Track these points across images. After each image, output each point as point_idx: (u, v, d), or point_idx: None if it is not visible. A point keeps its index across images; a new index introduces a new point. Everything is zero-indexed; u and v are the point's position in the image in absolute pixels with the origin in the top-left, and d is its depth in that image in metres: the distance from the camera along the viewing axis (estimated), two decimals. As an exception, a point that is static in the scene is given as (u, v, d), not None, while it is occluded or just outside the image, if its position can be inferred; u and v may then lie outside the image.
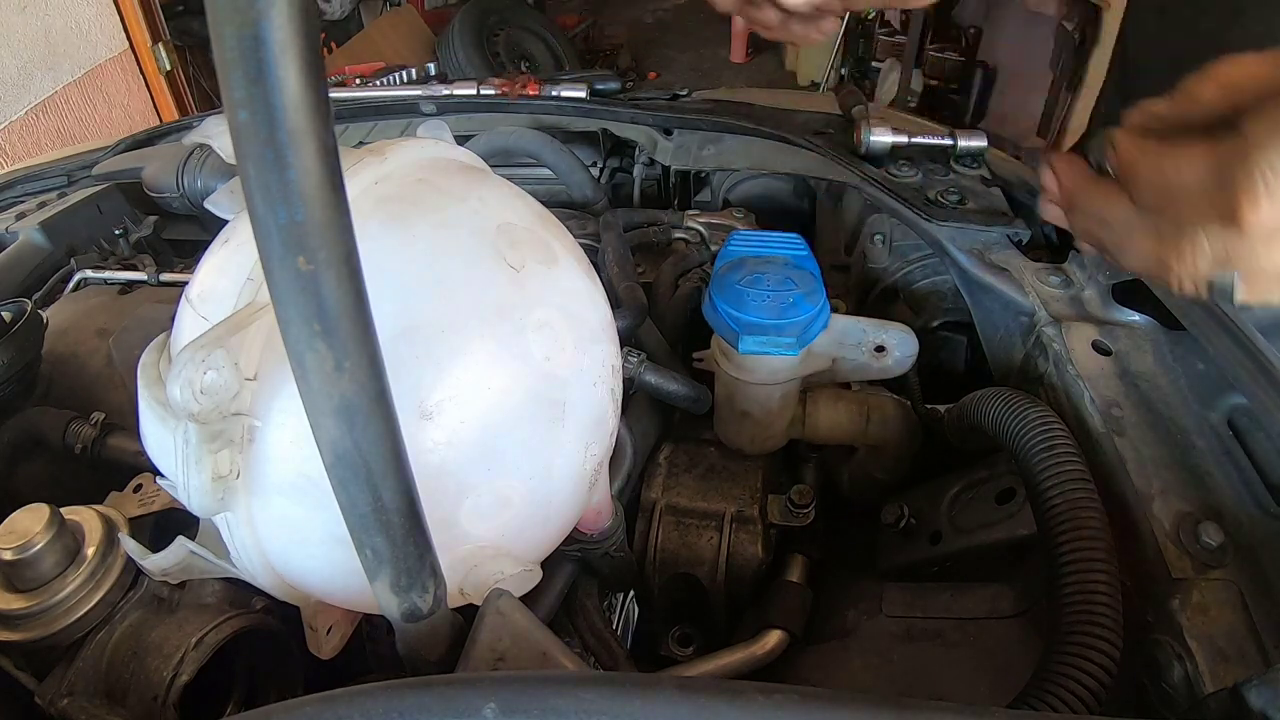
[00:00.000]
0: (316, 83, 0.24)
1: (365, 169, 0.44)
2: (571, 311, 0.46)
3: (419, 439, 0.39)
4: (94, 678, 0.49)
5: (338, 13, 3.79)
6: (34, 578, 0.49)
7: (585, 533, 0.58)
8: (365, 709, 0.32)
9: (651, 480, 0.71)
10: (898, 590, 0.62)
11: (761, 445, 0.72)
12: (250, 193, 0.25)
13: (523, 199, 0.49)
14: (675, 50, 4.82)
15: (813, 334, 0.65)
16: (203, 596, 0.54)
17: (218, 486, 0.38)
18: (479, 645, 0.39)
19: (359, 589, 0.39)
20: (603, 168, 1.06)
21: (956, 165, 0.86)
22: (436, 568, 0.37)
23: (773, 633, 0.63)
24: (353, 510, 0.33)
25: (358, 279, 0.28)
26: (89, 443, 0.64)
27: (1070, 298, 0.69)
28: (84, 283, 0.87)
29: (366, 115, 1.10)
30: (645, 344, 0.74)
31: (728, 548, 0.67)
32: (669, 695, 0.32)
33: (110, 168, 1.03)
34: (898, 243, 0.84)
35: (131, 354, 0.53)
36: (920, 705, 0.33)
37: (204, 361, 0.34)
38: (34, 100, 2.30)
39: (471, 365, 0.40)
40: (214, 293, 0.42)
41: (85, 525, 0.52)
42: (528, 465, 0.43)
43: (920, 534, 0.66)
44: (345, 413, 0.29)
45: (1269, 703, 0.37)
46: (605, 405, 0.48)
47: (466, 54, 3.58)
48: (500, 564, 0.43)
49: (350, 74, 3.26)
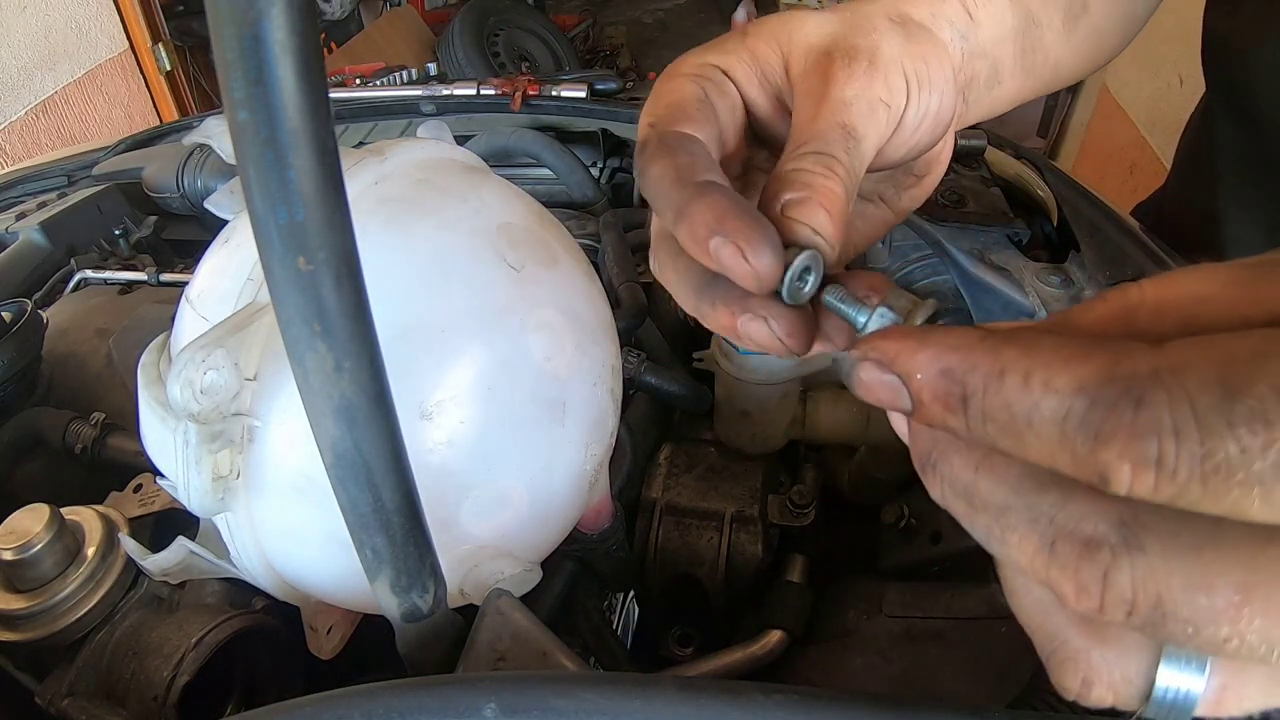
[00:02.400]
0: (316, 83, 0.24)
1: (365, 169, 0.44)
2: (571, 311, 0.46)
3: (419, 439, 0.39)
4: (94, 678, 0.49)
5: (338, 13, 3.79)
6: (34, 578, 0.49)
7: (585, 533, 0.58)
8: (365, 709, 0.32)
9: (651, 480, 0.71)
10: (898, 590, 0.62)
11: (761, 445, 0.72)
12: (250, 193, 0.25)
13: (523, 199, 0.49)
14: (675, 50, 4.73)
15: (813, 334, 0.65)
16: (203, 596, 0.54)
17: (218, 486, 0.38)
18: (479, 645, 0.39)
19: (359, 589, 0.39)
20: (603, 168, 1.06)
21: (956, 165, 0.86)
22: (436, 568, 0.37)
23: (773, 633, 0.63)
24: (353, 510, 0.33)
25: (358, 279, 0.28)
26: (89, 443, 0.64)
27: (1070, 298, 0.68)
28: (84, 283, 0.87)
29: (366, 115, 1.10)
30: (645, 344, 0.74)
31: (728, 548, 0.67)
32: (669, 695, 0.32)
33: (110, 168, 1.03)
34: (898, 243, 0.83)
35: (131, 354, 0.53)
36: (920, 705, 0.32)
37: (204, 361, 0.34)
38: (34, 100, 2.30)
39: (471, 365, 0.40)
40: (214, 293, 0.42)
41: (85, 525, 0.52)
42: (528, 465, 0.43)
43: (920, 534, 0.66)
44: (345, 413, 0.29)
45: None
46: (605, 405, 0.48)
47: (466, 54, 3.58)
48: (500, 564, 0.43)
49: (350, 74, 3.25)
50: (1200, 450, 0.16)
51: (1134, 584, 0.18)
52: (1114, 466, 0.17)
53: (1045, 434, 0.18)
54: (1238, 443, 0.16)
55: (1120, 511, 0.19)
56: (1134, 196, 1.02)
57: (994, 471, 0.21)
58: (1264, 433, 0.16)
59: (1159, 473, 0.17)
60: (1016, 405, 0.19)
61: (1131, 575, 0.18)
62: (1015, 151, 0.93)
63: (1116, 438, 0.17)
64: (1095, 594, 0.19)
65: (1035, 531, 0.20)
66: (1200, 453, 0.16)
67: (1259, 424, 0.16)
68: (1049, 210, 0.82)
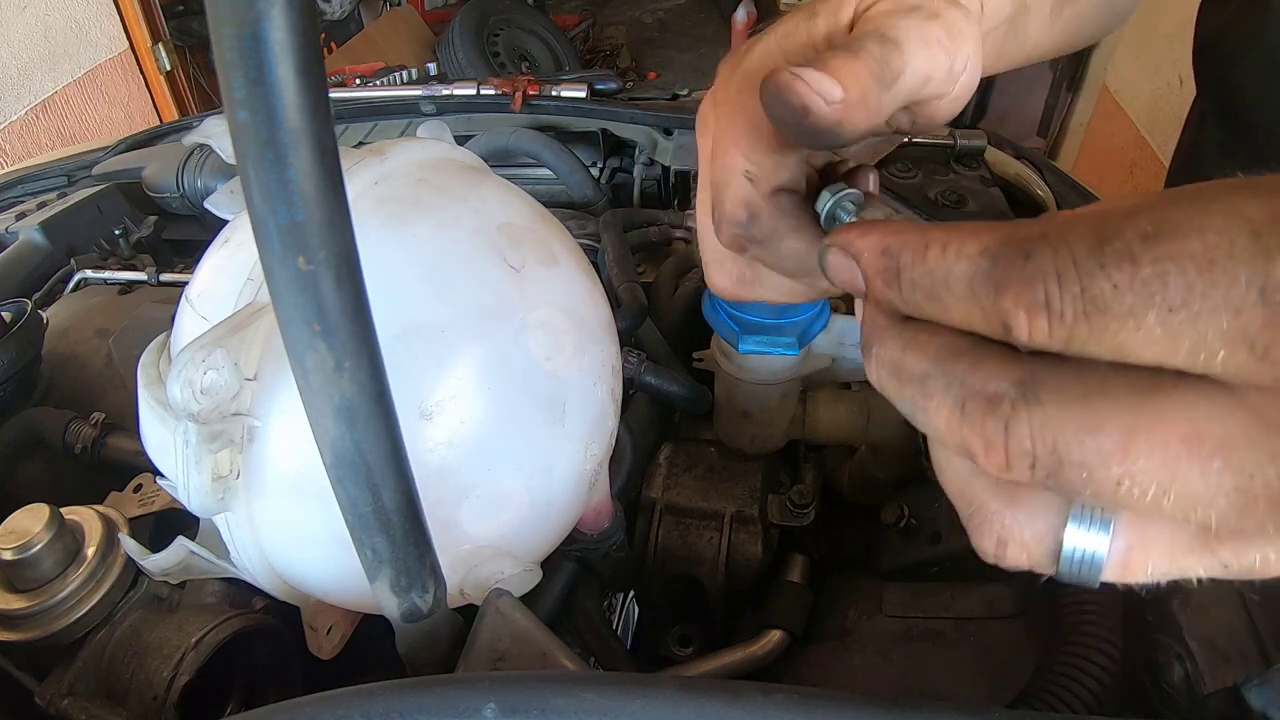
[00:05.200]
0: (316, 83, 0.24)
1: (365, 169, 0.44)
2: (571, 311, 0.46)
3: (419, 439, 0.39)
4: (94, 678, 0.49)
5: (338, 13, 3.79)
6: (34, 578, 0.49)
7: (585, 533, 0.58)
8: (365, 709, 0.32)
9: (651, 480, 0.71)
10: (898, 590, 0.62)
11: (761, 445, 0.72)
12: (250, 193, 0.25)
13: (523, 199, 0.49)
14: (675, 50, 4.82)
15: (813, 334, 0.65)
16: (203, 596, 0.54)
17: (218, 486, 0.38)
18: (479, 645, 0.39)
19: (359, 589, 0.39)
20: (603, 168, 1.06)
21: (956, 165, 0.86)
22: (436, 568, 0.37)
23: (773, 633, 0.63)
24: (353, 510, 0.33)
25: (358, 279, 0.28)
26: (89, 443, 0.64)
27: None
28: (84, 283, 0.87)
29: (366, 115, 1.10)
30: (645, 344, 0.74)
31: (728, 547, 0.67)
32: (669, 695, 0.32)
33: (110, 168, 1.03)
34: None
35: (131, 354, 0.53)
36: (920, 705, 0.32)
37: (204, 361, 0.34)
38: (34, 100, 2.30)
39: (471, 365, 0.40)
40: (214, 293, 0.42)
41: (85, 525, 0.52)
42: (528, 465, 0.43)
43: (920, 534, 0.66)
44: (345, 413, 0.29)
45: (1269, 703, 0.37)
46: (605, 405, 0.48)
47: (466, 54, 3.58)
48: (500, 564, 0.43)
49: (350, 74, 3.25)
50: (1079, 289, 0.19)
51: (1031, 432, 0.20)
52: (1012, 314, 0.20)
53: (959, 292, 0.21)
54: (1109, 279, 0.18)
55: (1020, 372, 0.21)
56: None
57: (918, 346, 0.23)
58: (1130, 269, 0.18)
59: (1049, 315, 0.19)
60: (936, 271, 0.22)
61: (1029, 425, 0.20)
62: (1015, 151, 0.93)
63: (1010, 286, 0.20)
64: (999, 446, 0.21)
65: (949, 395, 0.22)
66: (1079, 290, 0.19)
67: (1126, 263, 0.18)
68: (1049, 210, 0.82)
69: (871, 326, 0.25)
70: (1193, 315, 0.18)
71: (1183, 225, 0.18)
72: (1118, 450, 0.19)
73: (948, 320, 0.22)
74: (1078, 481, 0.20)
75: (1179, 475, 0.19)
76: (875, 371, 0.25)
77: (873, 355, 0.25)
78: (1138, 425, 0.19)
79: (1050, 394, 0.20)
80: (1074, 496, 0.22)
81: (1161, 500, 0.19)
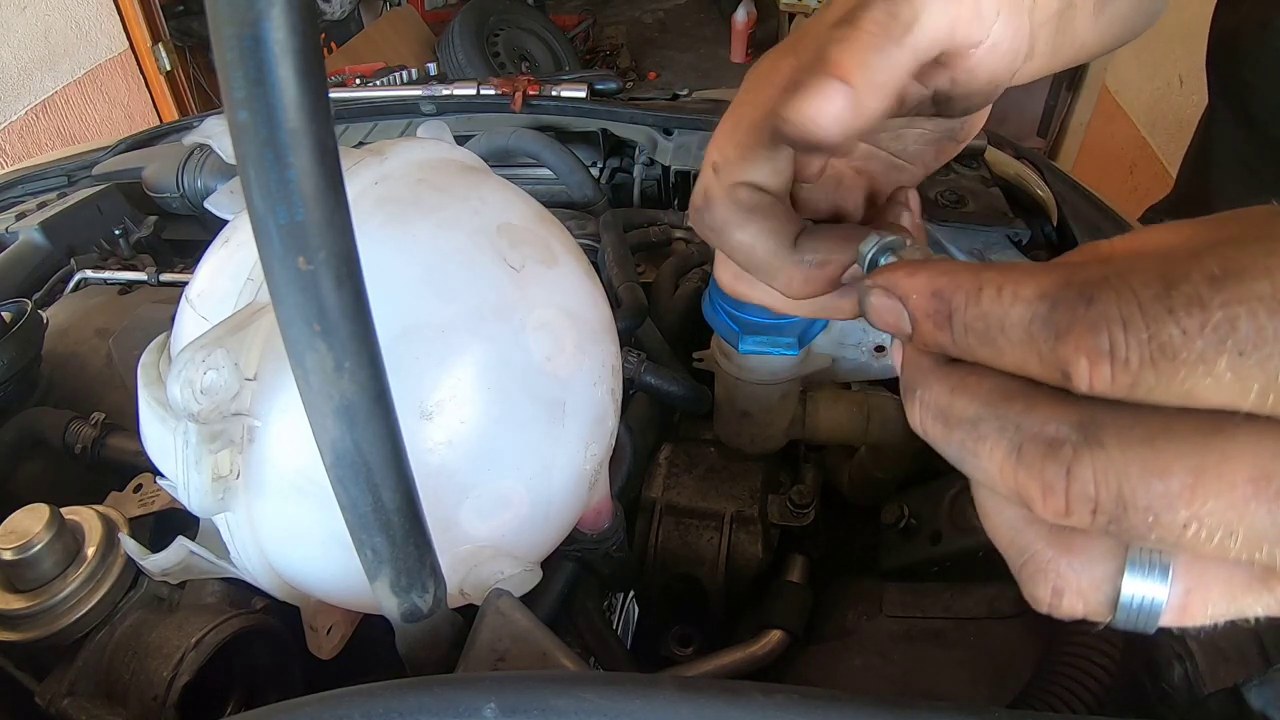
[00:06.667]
0: (316, 83, 0.24)
1: (365, 169, 0.44)
2: (571, 311, 0.46)
3: (419, 439, 0.39)
4: (94, 678, 0.49)
5: (338, 13, 3.79)
6: (34, 578, 0.49)
7: (585, 533, 0.58)
8: (365, 709, 0.32)
9: (651, 480, 0.71)
10: (898, 590, 0.62)
11: (761, 445, 0.72)
12: (250, 193, 0.25)
13: (523, 199, 0.49)
14: (675, 50, 4.82)
15: (813, 334, 0.65)
16: (203, 596, 0.54)
17: (218, 486, 0.38)
18: (479, 645, 0.39)
19: (359, 589, 0.39)
20: (603, 168, 1.06)
21: (956, 165, 0.86)
22: (436, 568, 0.37)
23: (773, 633, 0.63)
24: (353, 510, 0.33)
25: (358, 279, 0.28)
26: (89, 443, 0.64)
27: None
28: (84, 283, 0.87)
29: (366, 115, 1.10)
30: (645, 344, 0.74)
31: (728, 548, 0.67)
32: (669, 695, 0.32)
33: (110, 168, 1.03)
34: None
35: (131, 354, 0.53)
36: (920, 705, 0.32)
37: (204, 361, 0.34)
38: (34, 100, 2.30)
39: (471, 365, 0.40)
40: (214, 293, 0.42)
41: (85, 525, 0.52)
42: (528, 465, 0.43)
43: (920, 534, 0.66)
44: (345, 413, 0.29)
45: (1269, 703, 0.37)
46: (605, 405, 0.48)
47: (466, 54, 3.58)
48: (500, 564, 0.43)
49: (350, 74, 3.26)
50: (1146, 335, 0.18)
51: (1095, 477, 0.19)
52: (1073, 360, 0.19)
53: (1015, 337, 0.20)
54: (1178, 325, 0.18)
55: (1080, 414, 0.20)
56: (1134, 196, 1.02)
57: (967, 389, 0.22)
58: (1200, 314, 0.18)
59: (1113, 362, 0.19)
60: (991, 314, 0.21)
61: (1093, 469, 0.19)
62: (1015, 151, 0.93)
63: (1072, 332, 0.19)
64: (1060, 491, 0.20)
65: (1004, 438, 0.21)
66: (1146, 338, 0.18)
67: (1195, 307, 0.18)
68: (1049, 210, 0.82)
69: (914, 369, 0.24)
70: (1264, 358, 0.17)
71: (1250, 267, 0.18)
72: (1185, 492, 0.19)
73: (1000, 365, 0.21)
74: (1142, 526, 0.19)
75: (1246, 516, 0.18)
76: (919, 415, 0.24)
77: (916, 399, 0.24)
78: (1204, 466, 0.19)
79: (1112, 436, 0.19)
80: (1136, 541, 0.21)
81: (1228, 542, 0.19)
